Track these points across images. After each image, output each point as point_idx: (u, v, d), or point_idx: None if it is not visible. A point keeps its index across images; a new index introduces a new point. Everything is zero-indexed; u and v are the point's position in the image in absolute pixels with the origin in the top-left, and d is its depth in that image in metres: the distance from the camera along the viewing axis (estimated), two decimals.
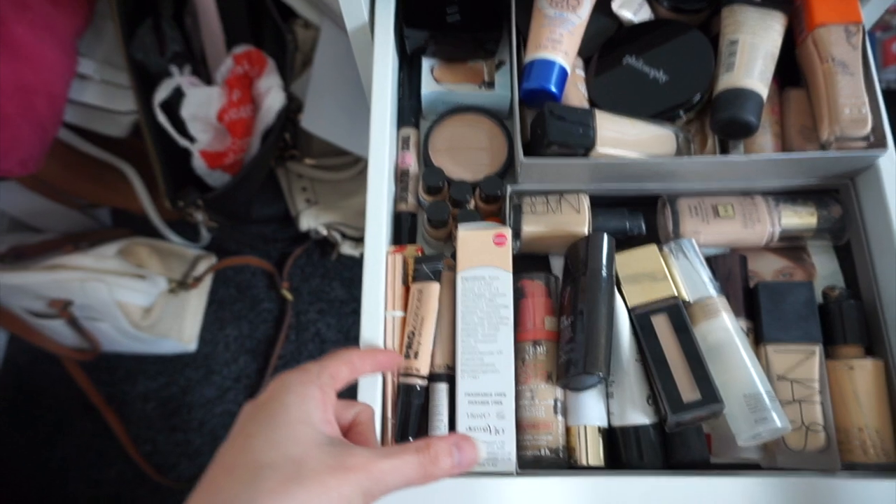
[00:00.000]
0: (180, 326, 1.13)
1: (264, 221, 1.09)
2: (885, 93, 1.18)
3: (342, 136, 1.03)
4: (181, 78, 0.93)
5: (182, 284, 1.09)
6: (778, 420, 0.40)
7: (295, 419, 0.31)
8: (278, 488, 0.28)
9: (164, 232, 1.09)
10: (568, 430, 0.44)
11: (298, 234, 1.12)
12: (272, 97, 0.94)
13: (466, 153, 0.52)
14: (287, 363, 1.16)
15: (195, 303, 1.17)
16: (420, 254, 0.47)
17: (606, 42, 0.51)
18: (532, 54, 0.48)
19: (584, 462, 0.43)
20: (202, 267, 1.14)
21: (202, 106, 0.92)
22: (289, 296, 1.17)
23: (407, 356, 0.43)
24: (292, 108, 1.03)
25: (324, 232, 1.11)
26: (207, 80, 1.00)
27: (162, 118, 0.94)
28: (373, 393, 0.43)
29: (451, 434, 0.36)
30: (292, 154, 1.07)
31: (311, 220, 1.11)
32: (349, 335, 1.18)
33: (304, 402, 0.32)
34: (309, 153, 1.10)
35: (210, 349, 1.18)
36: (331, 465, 0.30)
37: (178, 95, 0.95)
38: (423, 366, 0.43)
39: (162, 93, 0.93)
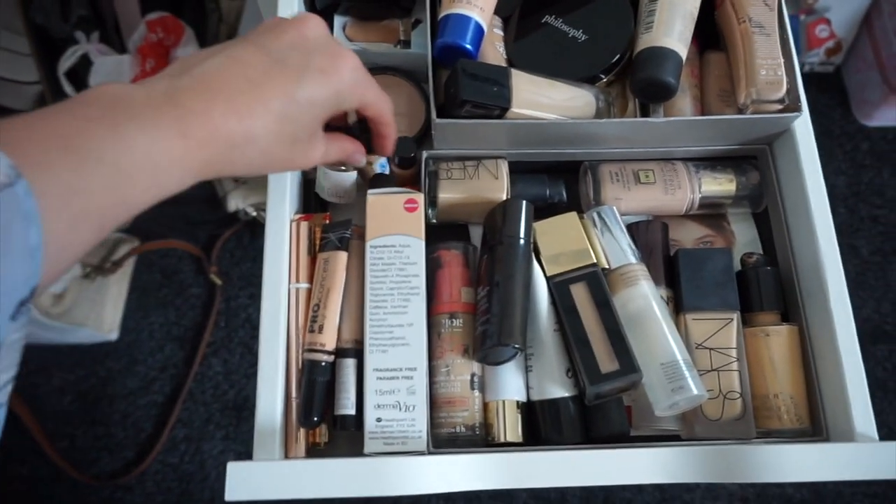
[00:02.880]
0: (99, 314, 1.06)
1: (187, 202, 1.03)
2: (809, 75, 1.22)
3: None
4: (88, 45, 0.86)
5: (99, 269, 1.02)
6: (695, 388, 0.39)
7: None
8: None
9: None
10: (485, 406, 0.42)
11: (227, 215, 1.07)
12: None
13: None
14: (217, 350, 1.11)
15: (115, 289, 1.10)
16: (328, 221, 0.44)
17: (526, 0, 0.49)
18: (447, 9, 0.45)
19: (501, 438, 0.41)
20: (122, 250, 1.08)
21: (111, 75, 0.85)
22: (217, 280, 1.12)
23: (311, 330, 0.40)
24: None
25: (253, 213, 1.06)
26: (122, 49, 0.93)
27: (69, 88, 0.88)
28: (274, 369, 0.39)
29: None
30: None
31: (239, 201, 1.06)
32: None
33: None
34: None
35: (133, 338, 1.11)
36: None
37: (85, 64, 0.88)
38: (328, 340, 0.40)
39: (67, 61, 0.86)
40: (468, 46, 0.44)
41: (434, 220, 0.47)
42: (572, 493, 1.02)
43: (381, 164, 0.47)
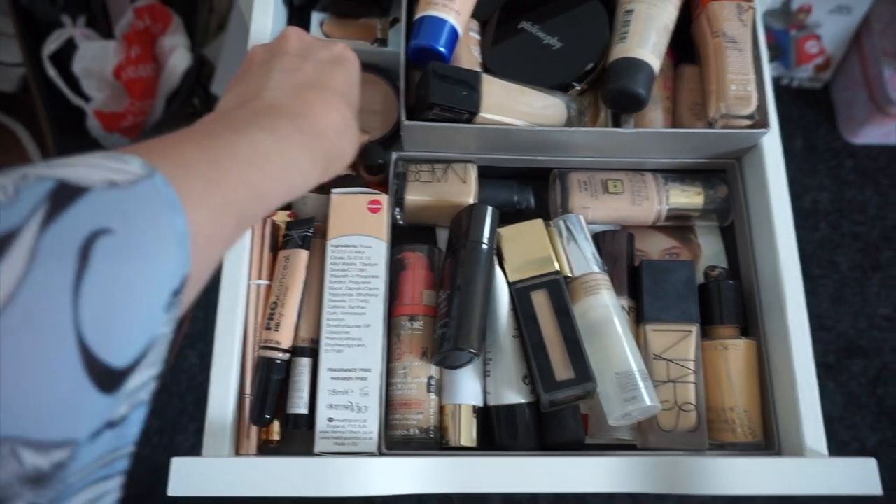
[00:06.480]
0: None
1: None
2: (797, 90, 1.22)
3: None
4: (74, 29, 0.86)
5: None
6: (648, 399, 0.39)
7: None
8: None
9: None
10: (441, 410, 0.42)
11: None
12: (176, 57, 0.88)
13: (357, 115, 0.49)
14: (193, 343, 1.10)
15: None
16: (291, 219, 0.43)
17: (504, 5, 0.49)
18: (422, 11, 0.45)
19: (456, 442, 0.41)
20: None
21: (96, 60, 0.85)
22: None
23: (268, 328, 0.40)
24: (203, 72, 0.97)
25: None
26: (109, 35, 0.92)
27: (52, 72, 0.87)
28: (228, 364, 0.39)
29: None
30: None
31: None
32: None
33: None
34: None
35: None
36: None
37: (71, 49, 0.87)
38: (284, 338, 0.40)
39: (52, 44, 0.85)
40: (442, 49, 0.44)
41: (402, 222, 0.47)
42: (544, 495, 1.02)
43: None
